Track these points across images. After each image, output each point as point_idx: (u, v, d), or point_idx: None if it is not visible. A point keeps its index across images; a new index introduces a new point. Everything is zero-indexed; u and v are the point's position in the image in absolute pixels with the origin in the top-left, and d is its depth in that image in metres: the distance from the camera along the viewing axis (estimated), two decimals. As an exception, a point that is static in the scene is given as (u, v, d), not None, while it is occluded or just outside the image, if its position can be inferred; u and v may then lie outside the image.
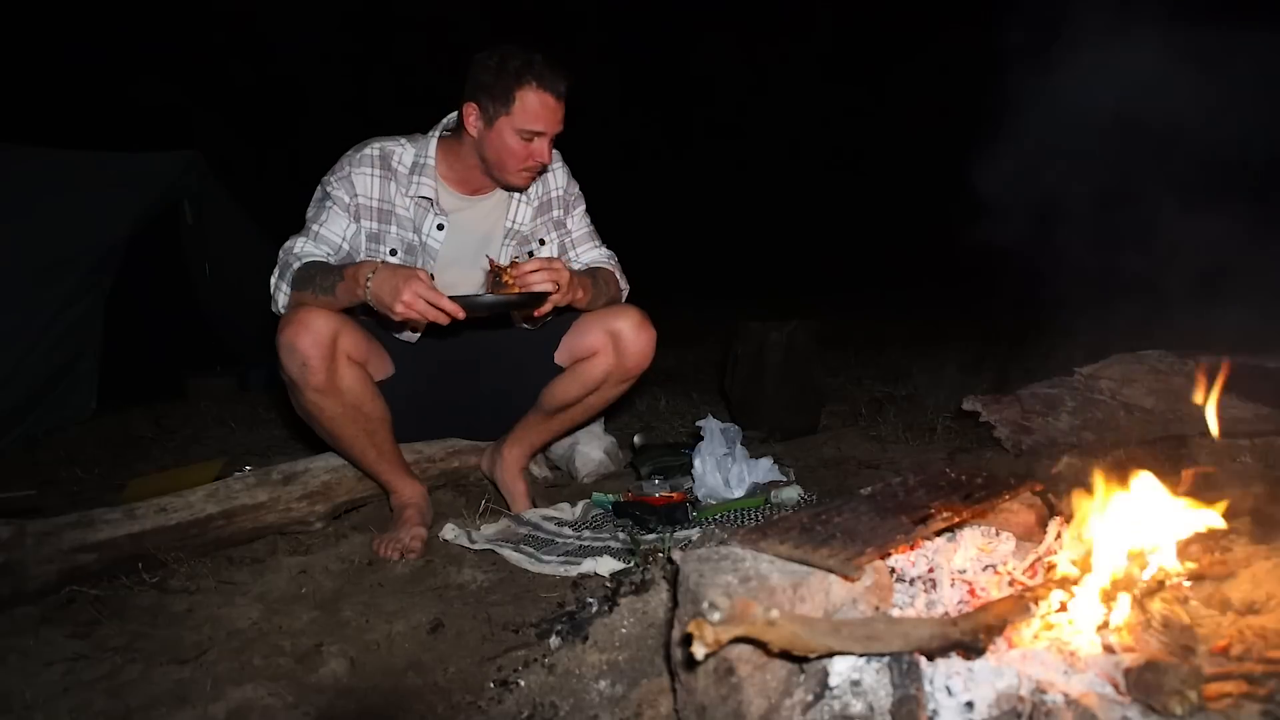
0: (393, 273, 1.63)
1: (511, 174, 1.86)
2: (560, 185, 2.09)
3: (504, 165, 1.84)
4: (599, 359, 1.94)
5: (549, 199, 2.08)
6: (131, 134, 7.99)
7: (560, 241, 2.11)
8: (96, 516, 1.69)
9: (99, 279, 3.37)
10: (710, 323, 4.88)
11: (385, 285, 1.62)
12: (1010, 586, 1.15)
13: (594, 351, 1.94)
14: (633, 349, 1.92)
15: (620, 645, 1.18)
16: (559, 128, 1.82)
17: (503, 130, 1.80)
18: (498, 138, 1.81)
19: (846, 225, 11.66)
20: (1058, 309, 2.48)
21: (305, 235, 1.85)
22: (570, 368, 1.99)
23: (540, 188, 2.06)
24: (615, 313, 1.95)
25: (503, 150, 1.82)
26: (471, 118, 1.83)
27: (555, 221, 2.10)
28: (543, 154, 1.83)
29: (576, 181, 2.14)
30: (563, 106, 1.81)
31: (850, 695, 0.91)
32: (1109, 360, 2.51)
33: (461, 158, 1.91)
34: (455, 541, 1.83)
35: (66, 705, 1.23)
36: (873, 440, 2.68)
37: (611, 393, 2.02)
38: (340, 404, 1.76)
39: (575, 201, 2.13)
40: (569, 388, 1.98)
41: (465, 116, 1.84)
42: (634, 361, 1.94)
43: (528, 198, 2.03)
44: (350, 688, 1.27)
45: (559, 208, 2.10)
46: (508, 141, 1.80)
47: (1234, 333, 2.10)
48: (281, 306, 1.80)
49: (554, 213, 2.09)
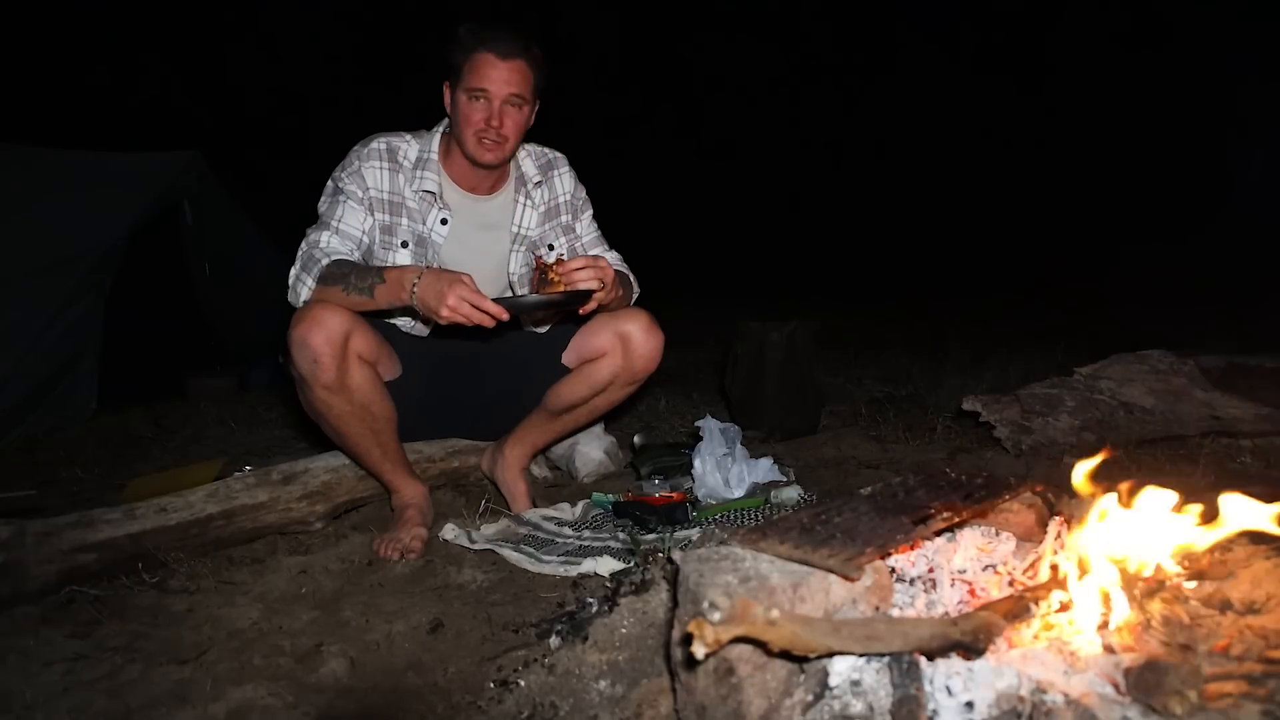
0: (437, 277, 1.64)
1: (470, 143, 1.85)
2: (567, 189, 2.10)
3: (463, 134, 1.85)
4: (607, 360, 1.94)
5: (556, 204, 2.08)
6: (131, 134, 7.99)
7: (570, 246, 2.11)
8: (96, 516, 1.68)
9: (99, 279, 3.37)
10: (710, 323, 4.88)
11: (430, 290, 1.63)
12: (1010, 586, 1.15)
13: (602, 353, 1.94)
14: (641, 351, 1.92)
15: (620, 645, 1.18)
16: (507, 89, 1.81)
17: (459, 98, 1.83)
18: (458, 106, 1.84)
19: (847, 226, 11.67)
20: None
21: (327, 229, 1.84)
22: (578, 369, 2.00)
23: (546, 192, 2.06)
24: (625, 315, 1.95)
25: (458, 117, 1.84)
26: (446, 98, 1.88)
27: (564, 226, 2.10)
28: (492, 116, 1.81)
29: (583, 186, 2.14)
30: (513, 68, 1.80)
31: (850, 695, 0.91)
32: (1109, 360, 2.51)
33: (454, 147, 1.93)
34: (455, 541, 1.83)
35: (66, 705, 1.23)
36: (873, 440, 2.68)
37: (618, 395, 2.02)
38: (349, 403, 1.76)
39: (583, 206, 2.14)
40: (576, 389, 1.98)
41: (444, 100, 1.88)
42: (642, 364, 1.94)
43: (533, 201, 2.04)
44: (350, 688, 1.27)
45: (566, 213, 2.10)
46: (461, 107, 1.83)
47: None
48: (302, 300, 1.78)
49: (562, 218, 2.10)
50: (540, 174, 2.06)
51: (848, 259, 10.36)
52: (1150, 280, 7.18)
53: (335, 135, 2.32)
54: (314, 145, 4.47)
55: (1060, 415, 2.41)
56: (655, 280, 2.45)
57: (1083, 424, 2.39)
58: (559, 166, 2.10)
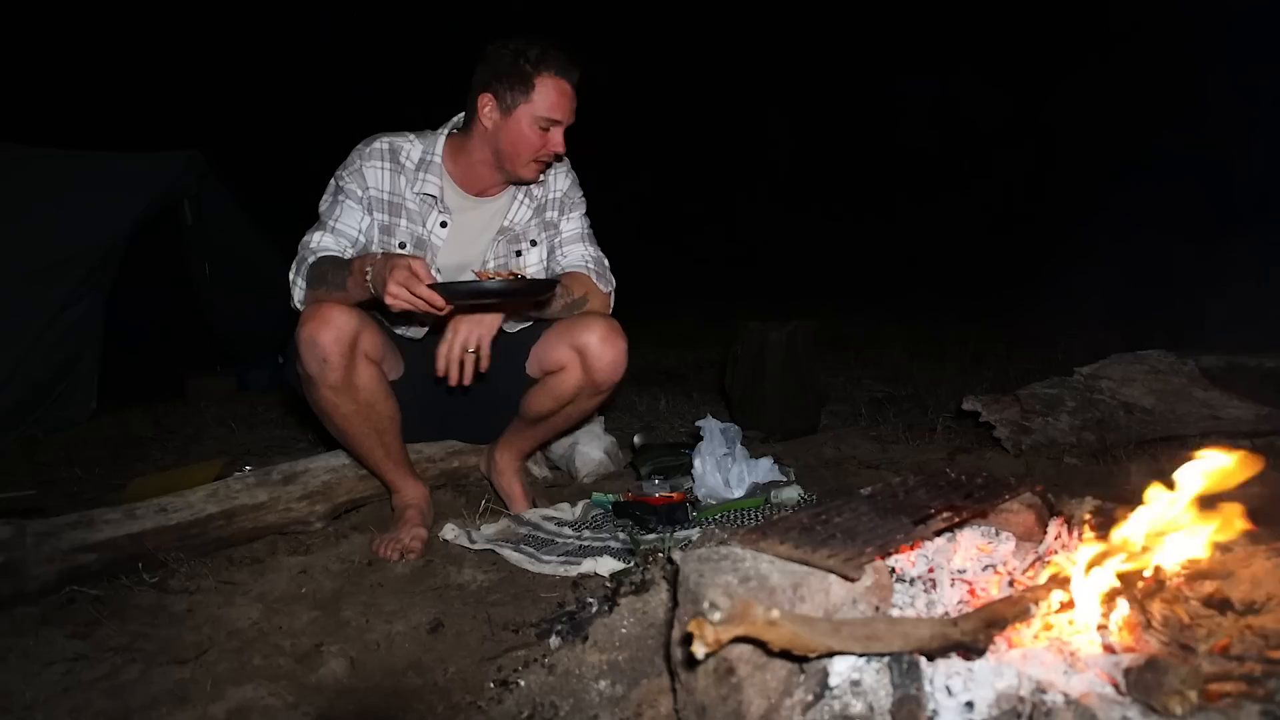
0: (385, 262, 1.60)
1: (523, 165, 1.84)
2: (560, 188, 2.06)
3: (518, 155, 1.82)
4: (568, 374, 1.88)
5: (546, 200, 2.05)
6: (131, 134, 7.99)
7: (550, 242, 2.06)
8: (96, 516, 1.68)
9: (99, 279, 3.37)
10: (710, 323, 4.88)
11: (378, 275, 1.60)
12: (1010, 586, 1.15)
13: (561, 366, 1.88)
14: (600, 363, 1.84)
15: (620, 645, 1.18)
16: (573, 119, 1.82)
17: (521, 119, 1.78)
18: (515, 127, 1.79)
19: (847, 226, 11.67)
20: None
21: (322, 229, 1.84)
22: (542, 380, 1.95)
23: (541, 189, 2.04)
24: (582, 325, 1.86)
25: (519, 140, 1.80)
26: (487, 108, 1.81)
27: (547, 223, 2.06)
28: (558, 144, 1.82)
29: (580, 187, 2.11)
30: (575, 96, 1.81)
31: (850, 695, 0.91)
32: (1109, 360, 2.51)
33: (469, 154, 1.89)
34: (455, 541, 1.83)
35: (66, 705, 1.23)
36: (873, 440, 2.68)
37: (588, 404, 1.97)
38: (354, 402, 1.76)
39: (574, 205, 2.09)
40: (543, 401, 1.94)
41: (480, 107, 1.81)
42: (603, 375, 1.87)
43: (530, 199, 2.02)
44: (350, 688, 1.27)
45: (554, 209, 2.06)
46: (525, 130, 1.79)
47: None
48: (299, 301, 1.79)
49: (548, 214, 2.05)
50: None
51: (848, 259, 10.35)
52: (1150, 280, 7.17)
53: (335, 135, 2.32)
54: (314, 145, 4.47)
55: (1060, 415, 2.41)
56: (655, 280, 2.44)
57: (1083, 424, 2.39)
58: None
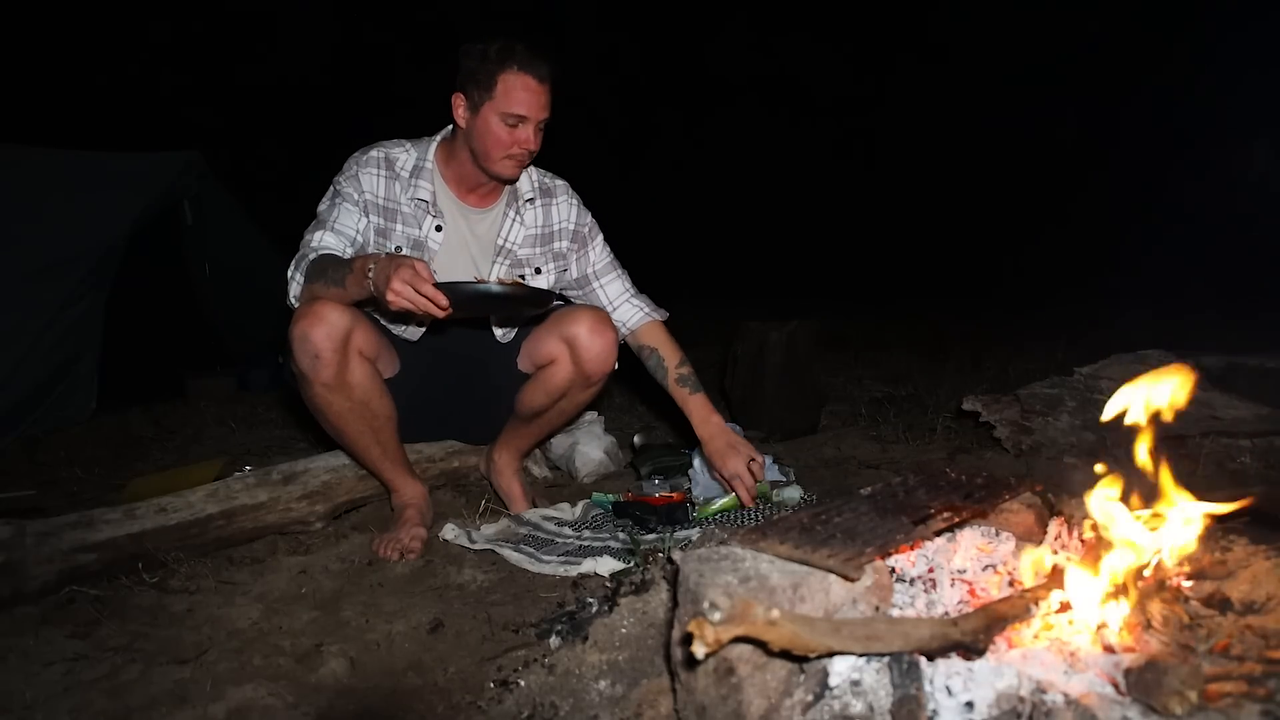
0: (389, 262, 1.61)
1: (497, 163, 1.84)
2: (569, 219, 2.06)
3: (489, 153, 1.83)
4: (558, 367, 1.89)
5: (552, 230, 2.05)
6: (131, 134, 7.99)
7: (583, 271, 2.08)
8: (96, 516, 1.68)
9: (99, 279, 3.37)
10: (710, 323, 4.88)
11: (381, 275, 1.60)
12: (1010, 586, 1.15)
13: (552, 359, 1.90)
14: (590, 355, 1.86)
15: (620, 645, 1.18)
16: (543, 113, 1.81)
17: (488, 117, 1.80)
18: (483, 124, 1.80)
19: (847, 226, 11.67)
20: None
21: (322, 228, 1.84)
22: (535, 375, 1.96)
23: (540, 216, 2.03)
24: (571, 316, 1.88)
25: (488, 137, 1.81)
26: (460, 109, 1.84)
27: (556, 254, 2.06)
28: (527, 140, 1.82)
29: (589, 211, 2.10)
30: (547, 91, 1.81)
31: (850, 695, 0.91)
32: (1109, 360, 2.51)
33: (457, 156, 1.91)
34: (455, 541, 1.83)
35: (66, 705, 1.23)
36: (873, 440, 2.68)
37: (581, 397, 1.97)
38: (348, 399, 1.76)
39: (592, 233, 2.09)
40: (536, 396, 1.95)
41: (454, 108, 1.84)
42: (594, 367, 1.88)
43: (523, 220, 2.01)
44: (350, 688, 1.27)
45: (564, 239, 2.06)
46: (492, 128, 1.80)
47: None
48: (294, 297, 1.79)
49: (556, 244, 2.05)
50: (535, 194, 2.02)
51: (848, 259, 10.36)
52: (1149, 281, 7.18)
53: (336, 135, 2.32)
54: (315, 145, 4.47)
55: (1060, 415, 2.41)
56: (656, 280, 2.44)
57: (1083, 424, 2.39)
58: (558, 195, 2.06)
